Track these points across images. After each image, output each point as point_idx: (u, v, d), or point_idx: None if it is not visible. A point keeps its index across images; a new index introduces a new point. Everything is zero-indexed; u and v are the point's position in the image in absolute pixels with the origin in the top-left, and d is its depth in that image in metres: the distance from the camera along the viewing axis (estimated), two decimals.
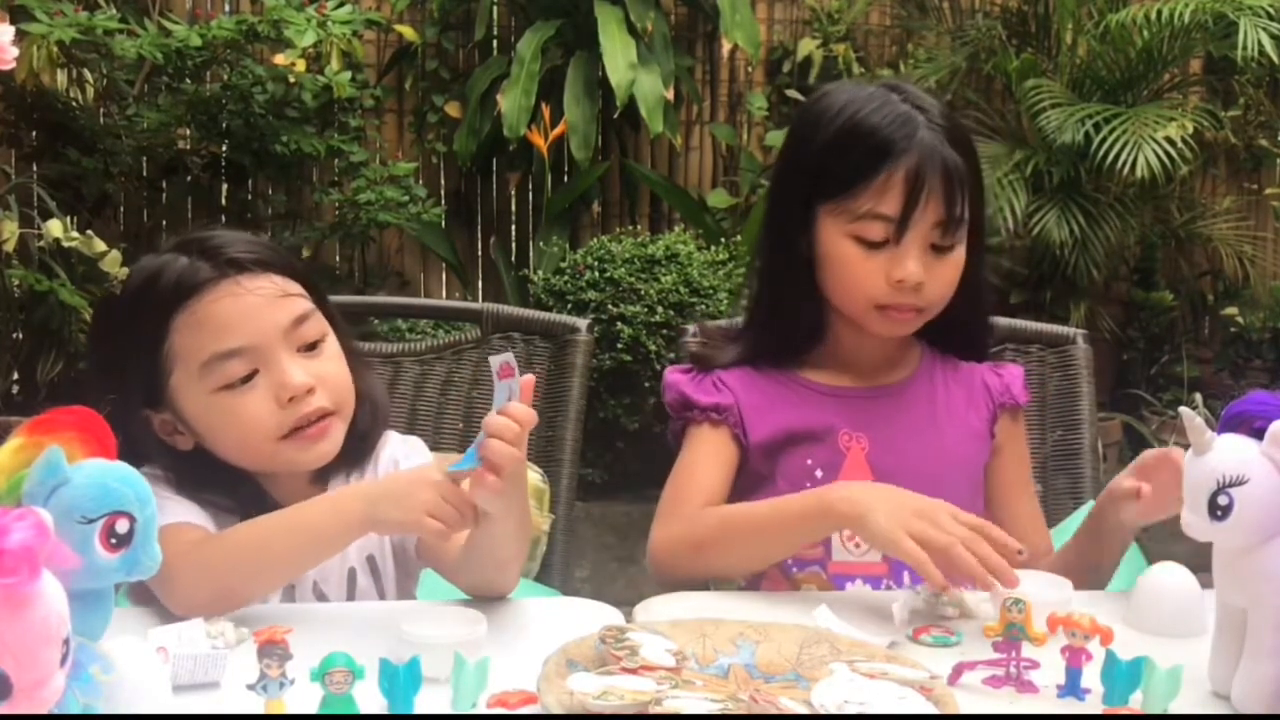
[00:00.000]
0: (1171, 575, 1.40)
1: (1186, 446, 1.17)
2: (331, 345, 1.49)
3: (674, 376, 1.70)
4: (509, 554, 1.41)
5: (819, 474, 1.61)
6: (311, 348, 1.46)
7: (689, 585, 1.55)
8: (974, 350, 1.74)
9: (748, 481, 1.65)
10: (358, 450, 1.53)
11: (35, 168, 4.15)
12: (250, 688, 1.07)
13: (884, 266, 1.56)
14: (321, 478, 1.52)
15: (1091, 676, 1.18)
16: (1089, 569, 1.58)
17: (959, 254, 1.59)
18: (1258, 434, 1.13)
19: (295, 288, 1.47)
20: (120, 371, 1.48)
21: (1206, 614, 1.29)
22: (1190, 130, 4.21)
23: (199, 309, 1.42)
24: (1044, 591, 1.38)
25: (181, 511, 1.41)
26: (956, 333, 1.70)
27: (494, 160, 4.74)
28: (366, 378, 1.57)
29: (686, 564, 1.55)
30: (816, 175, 1.60)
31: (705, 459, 1.64)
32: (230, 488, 1.47)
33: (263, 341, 1.42)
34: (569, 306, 3.85)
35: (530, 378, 1.29)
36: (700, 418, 1.65)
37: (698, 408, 1.65)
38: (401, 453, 1.60)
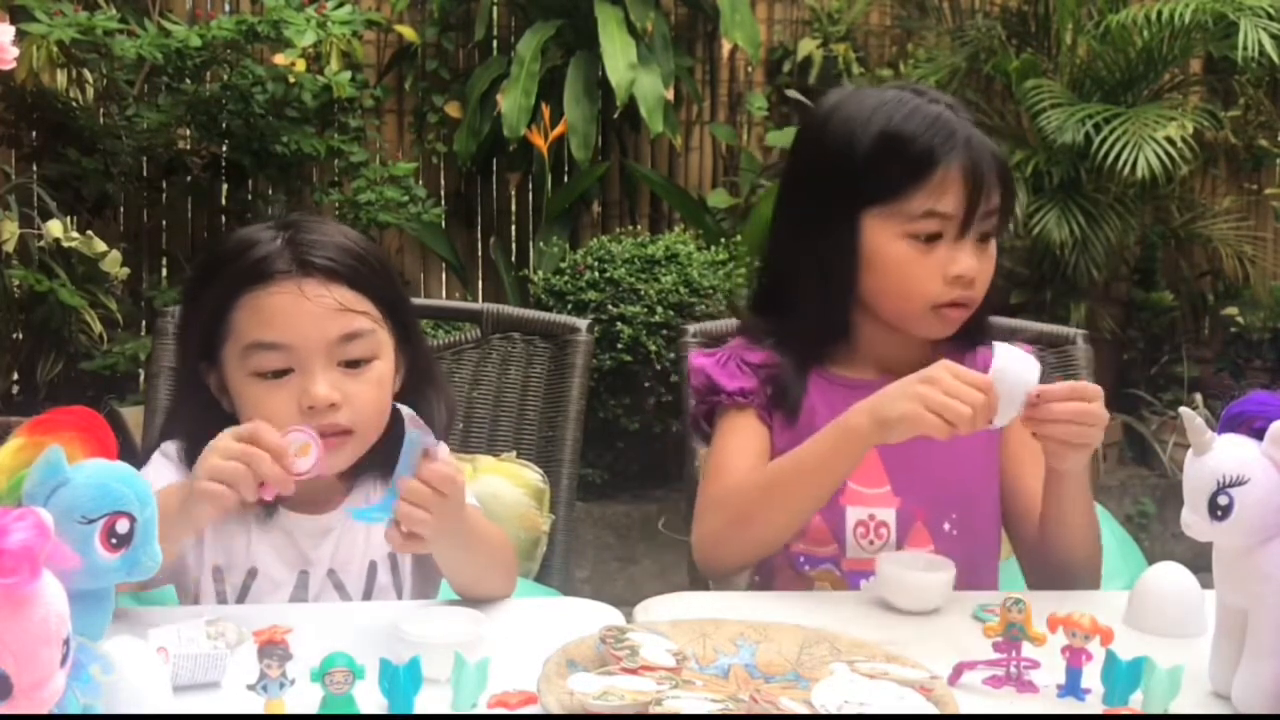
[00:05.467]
0: (1171, 575, 1.40)
1: (1186, 446, 1.17)
2: (378, 369, 1.49)
3: (699, 360, 1.69)
4: (470, 577, 1.45)
5: None
6: (354, 365, 1.48)
7: (730, 578, 1.59)
8: (967, 334, 1.69)
9: None
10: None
11: (35, 168, 4.14)
12: (250, 688, 1.07)
13: (940, 264, 1.57)
14: (349, 477, 1.55)
15: (1091, 676, 1.18)
16: (1052, 522, 1.57)
17: (995, 244, 1.62)
18: (1258, 434, 1.13)
19: (363, 304, 1.48)
20: (192, 319, 1.56)
21: (1206, 614, 1.30)
22: (1190, 130, 4.20)
23: (261, 296, 1.46)
24: (1016, 364, 1.42)
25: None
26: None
27: (494, 160, 4.73)
28: (428, 393, 1.57)
29: (735, 546, 1.55)
30: (861, 182, 1.59)
31: (740, 448, 1.63)
32: None
33: (304, 346, 1.45)
34: (569, 306, 3.84)
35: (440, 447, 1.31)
36: (728, 402, 1.65)
37: (724, 392, 1.65)
38: None
